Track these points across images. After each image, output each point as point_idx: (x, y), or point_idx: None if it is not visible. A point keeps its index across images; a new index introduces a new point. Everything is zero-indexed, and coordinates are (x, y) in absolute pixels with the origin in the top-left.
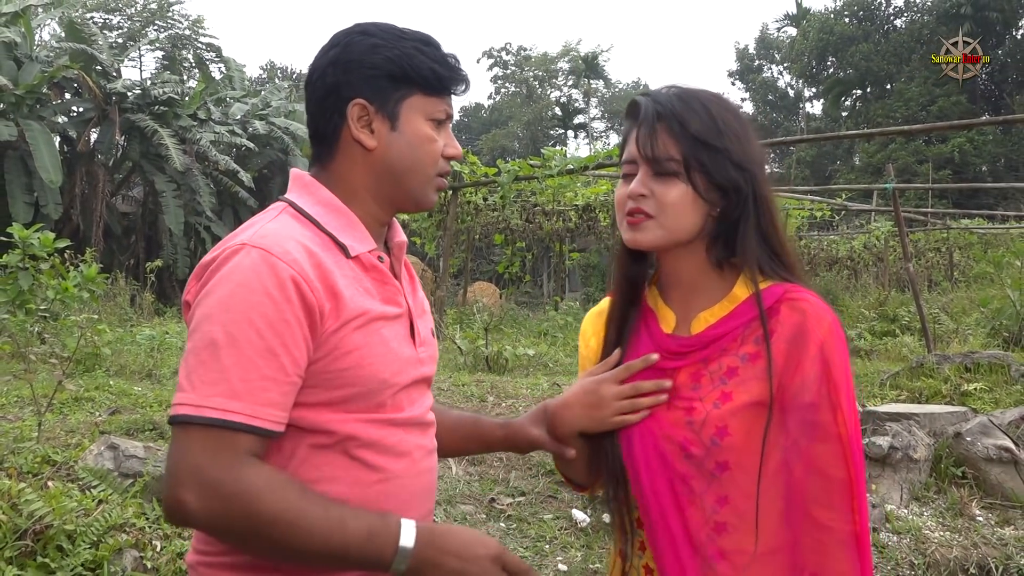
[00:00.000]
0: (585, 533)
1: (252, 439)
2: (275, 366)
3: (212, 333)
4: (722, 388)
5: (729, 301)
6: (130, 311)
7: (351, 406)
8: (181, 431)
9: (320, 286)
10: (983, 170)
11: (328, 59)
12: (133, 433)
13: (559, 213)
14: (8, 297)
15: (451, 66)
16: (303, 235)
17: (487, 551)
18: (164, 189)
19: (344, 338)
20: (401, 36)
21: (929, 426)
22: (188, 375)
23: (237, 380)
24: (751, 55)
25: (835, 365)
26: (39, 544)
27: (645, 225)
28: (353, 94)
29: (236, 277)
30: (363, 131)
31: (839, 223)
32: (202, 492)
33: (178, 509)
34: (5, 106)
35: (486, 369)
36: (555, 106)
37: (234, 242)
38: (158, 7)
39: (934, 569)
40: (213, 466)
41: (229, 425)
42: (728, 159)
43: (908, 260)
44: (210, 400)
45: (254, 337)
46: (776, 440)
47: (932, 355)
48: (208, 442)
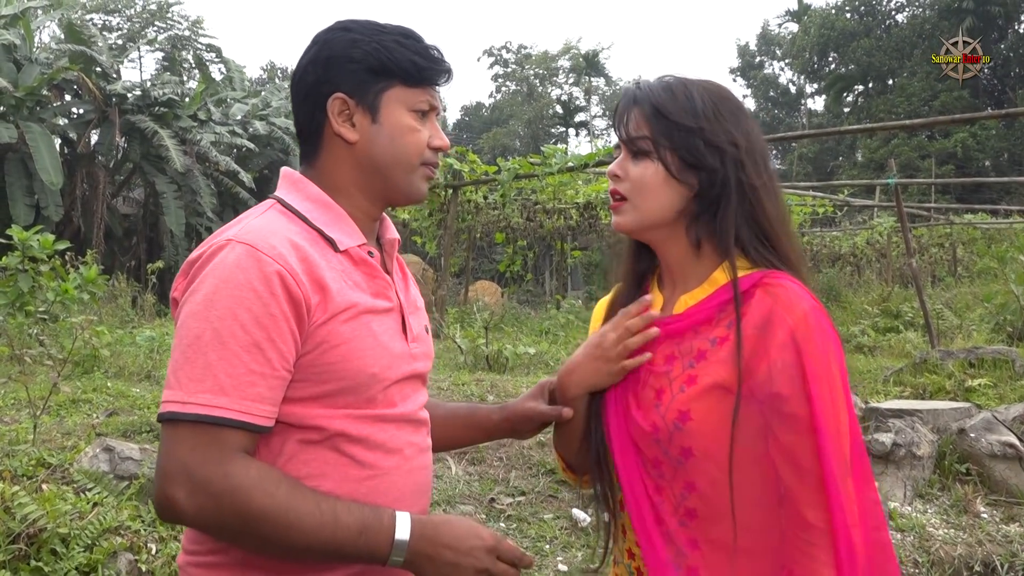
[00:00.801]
0: (585, 533)
1: (241, 435)
2: (261, 360)
3: (197, 329)
4: (689, 371)
5: (709, 284)
6: (131, 312)
7: (340, 401)
8: (170, 428)
9: (307, 279)
10: (986, 165)
11: (309, 57)
12: (130, 435)
13: (560, 211)
14: (8, 299)
15: (432, 57)
16: (290, 230)
17: (482, 542)
18: (165, 190)
19: (333, 331)
20: (380, 30)
21: (933, 422)
22: (174, 372)
23: (224, 375)
24: (752, 51)
25: (809, 355)
26: (33, 548)
27: (622, 208)
28: (333, 89)
29: (221, 273)
30: (344, 125)
31: (841, 219)
32: (192, 489)
33: (169, 506)
34: (5, 108)
35: (486, 368)
36: (556, 104)
37: (220, 238)
38: (158, 8)
39: (938, 567)
40: (202, 463)
41: (217, 421)
42: (701, 138)
43: (911, 256)
44: (197, 396)
45: (239, 332)
46: (745, 428)
47: (936, 351)
48: (197, 439)
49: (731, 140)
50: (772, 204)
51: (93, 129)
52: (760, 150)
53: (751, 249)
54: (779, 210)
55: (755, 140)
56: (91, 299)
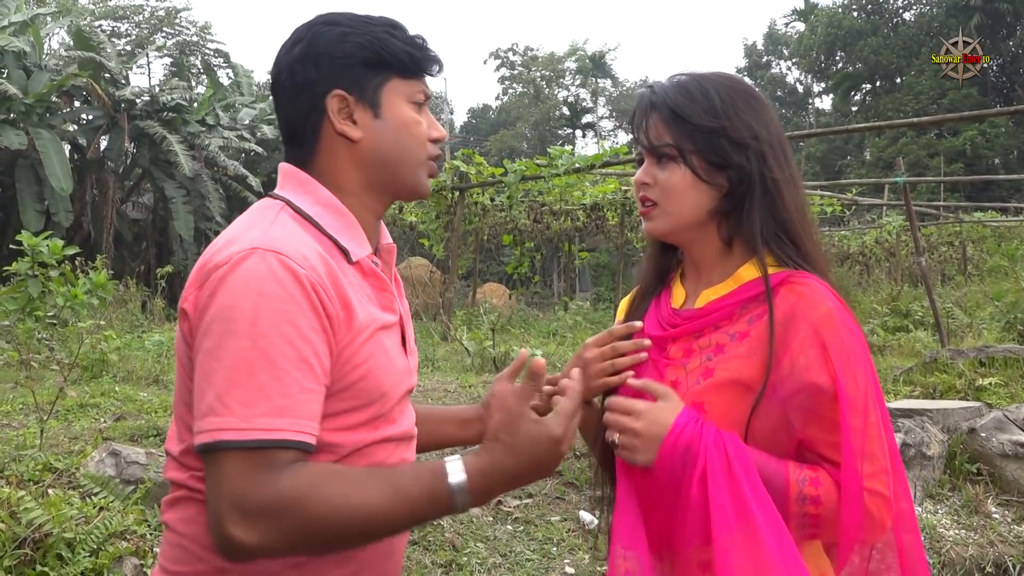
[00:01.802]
0: (593, 535)
1: (293, 453)
2: (312, 377)
3: (241, 349)
4: (707, 364)
5: (733, 280)
6: (141, 317)
7: (353, 419)
8: (219, 457)
9: (335, 295)
10: (995, 163)
11: (295, 55)
12: (137, 439)
13: (567, 213)
14: (18, 304)
15: (423, 47)
16: (310, 240)
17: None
18: (174, 195)
19: (355, 350)
20: (368, 22)
21: (943, 422)
22: (221, 398)
23: (279, 396)
24: (759, 51)
25: (833, 348)
26: (38, 552)
27: (653, 214)
28: (329, 86)
29: (257, 286)
30: (346, 123)
31: (850, 218)
32: (250, 523)
33: (233, 547)
34: (15, 115)
35: (493, 370)
36: (563, 106)
37: (241, 247)
38: (166, 14)
39: (950, 568)
40: (255, 489)
41: (279, 444)
42: (725, 137)
43: (920, 254)
44: (254, 421)
45: (287, 349)
46: (761, 421)
47: (946, 350)
48: (248, 464)
49: (752, 134)
50: (793, 198)
51: (102, 135)
52: (780, 141)
53: (775, 247)
54: (800, 205)
55: (774, 130)
56: (100, 304)
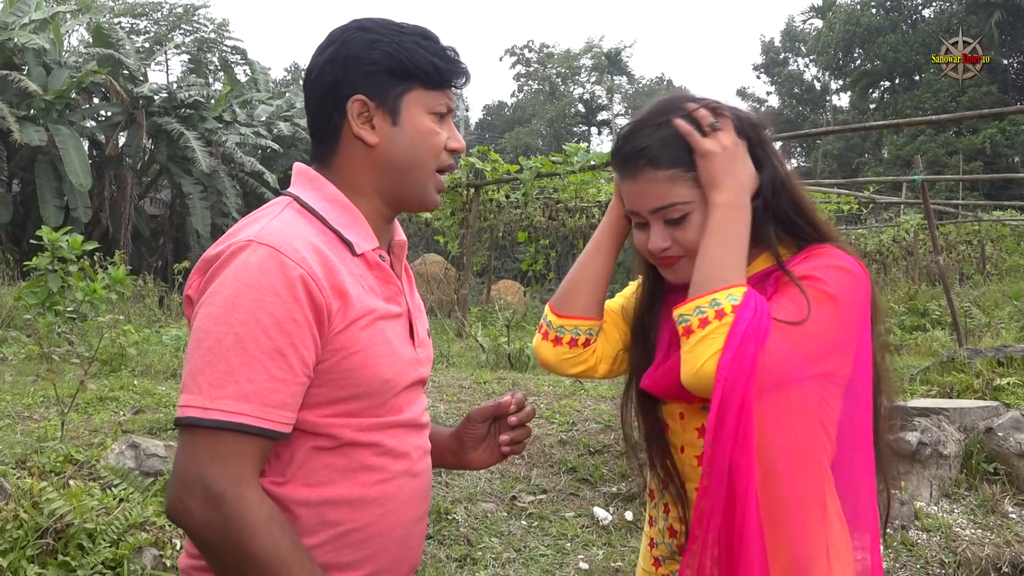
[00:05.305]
0: (607, 531)
1: (260, 441)
2: (284, 367)
3: (218, 333)
4: None
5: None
6: (158, 312)
7: (354, 407)
8: (189, 434)
9: (328, 285)
10: (1015, 161)
11: (326, 57)
12: (156, 432)
13: (582, 210)
14: (38, 299)
15: (450, 59)
16: (310, 232)
17: None
18: (191, 191)
19: (352, 338)
20: (399, 31)
21: (959, 421)
22: (193, 376)
23: (245, 381)
24: (777, 48)
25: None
26: (60, 543)
27: (680, 266)
28: (353, 90)
29: (243, 276)
30: (364, 127)
31: (867, 217)
32: (206, 502)
33: (181, 513)
34: (35, 112)
35: (508, 367)
36: (578, 103)
37: (240, 238)
38: (184, 11)
39: (965, 568)
40: (220, 476)
41: (238, 428)
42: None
43: (938, 253)
44: (218, 402)
45: (262, 337)
46: None
47: (963, 349)
48: (217, 447)
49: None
50: (790, 189)
51: (121, 131)
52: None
53: (788, 236)
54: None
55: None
56: (119, 299)
